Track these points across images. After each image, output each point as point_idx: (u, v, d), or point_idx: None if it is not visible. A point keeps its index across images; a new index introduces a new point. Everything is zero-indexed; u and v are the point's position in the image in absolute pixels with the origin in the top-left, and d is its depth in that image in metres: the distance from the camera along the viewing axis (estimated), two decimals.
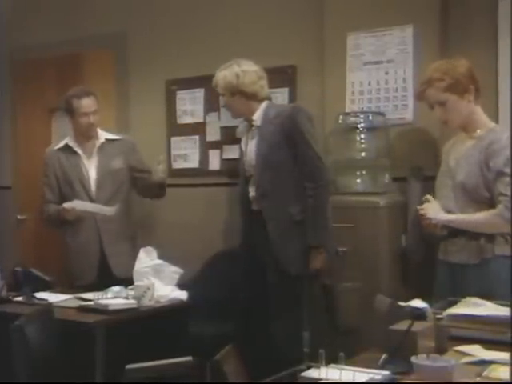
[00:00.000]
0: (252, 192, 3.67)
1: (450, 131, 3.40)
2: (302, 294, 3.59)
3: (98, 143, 4.24)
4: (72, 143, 4.24)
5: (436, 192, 3.22)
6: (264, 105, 3.68)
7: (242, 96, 3.67)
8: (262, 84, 3.72)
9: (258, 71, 3.72)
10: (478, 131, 3.11)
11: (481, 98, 3.18)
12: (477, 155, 3.04)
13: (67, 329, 3.07)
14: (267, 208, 3.59)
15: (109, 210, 4.06)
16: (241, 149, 3.86)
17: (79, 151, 4.22)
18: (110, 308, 3.26)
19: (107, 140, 4.26)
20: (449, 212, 3.09)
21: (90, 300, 3.44)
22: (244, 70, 3.67)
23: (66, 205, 4.03)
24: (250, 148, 3.70)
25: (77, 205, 4.04)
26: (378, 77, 4.14)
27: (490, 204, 3.00)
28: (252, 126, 3.70)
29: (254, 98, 3.67)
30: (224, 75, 3.69)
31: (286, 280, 3.53)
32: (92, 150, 4.22)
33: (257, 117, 3.67)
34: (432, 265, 3.29)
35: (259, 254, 3.65)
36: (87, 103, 4.18)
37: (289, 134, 3.54)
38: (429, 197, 3.19)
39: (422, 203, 3.21)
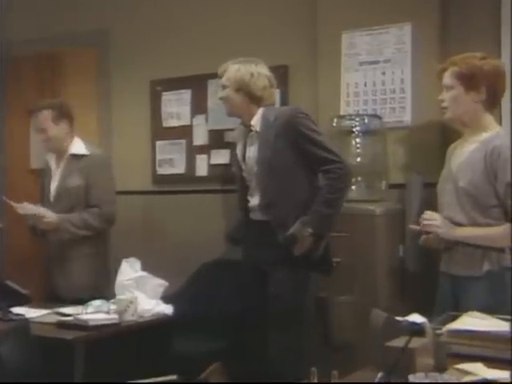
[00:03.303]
0: (254, 201, 3.63)
1: (450, 134, 3.41)
2: (303, 308, 3.57)
3: (65, 157, 4.31)
4: (49, 156, 4.37)
5: (438, 198, 3.22)
6: (262, 109, 3.65)
7: (247, 96, 3.63)
8: (271, 92, 3.70)
9: (272, 78, 3.71)
10: (483, 134, 3.11)
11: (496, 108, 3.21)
12: (481, 160, 3.03)
13: (45, 346, 3.05)
14: (275, 218, 3.52)
15: (51, 216, 4.14)
16: (236, 155, 3.80)
17: (52, 164, 4.35)
18: (91, 323, 3.25)
19: (72, 155, 4.29)
20: (453, 219, 3.09)
21: (69, 315, 3.43)
22: (260, 72, 3.65)
23: (14, 204, 4.15)
24: (249, 155, 3.65)
25: (22, 207, 4.12)
26: (374, 77, 4.16)
27: (497, 210, 3.00)
28: (250, 130, 3.67)
29: (257, 102, 3.64)
30: (238, 68, 3.64)
31: (289, 293, 3.50)
32: (59, 165, 4.33)
33: (255, 121, 3.62)
34: (432, 276, 3.29)
35: (260, 265, 3.62)
36: (39, 119, 4.27)
37: (291, 137, 3.52)
38: (429, 212, 3.18)
39: (421, 212, 3.21)
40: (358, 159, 3.99)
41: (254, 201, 3.62)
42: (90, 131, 5.39)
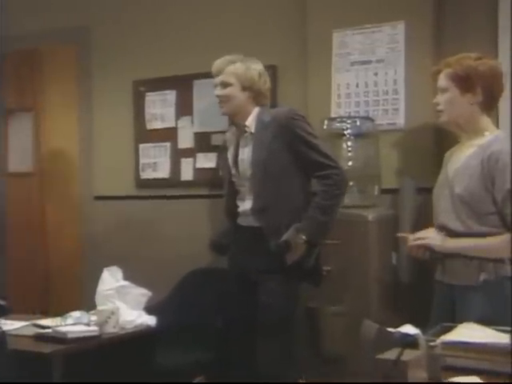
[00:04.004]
0: (245, 206, 3.62)
1: (445, 137, 3.42)
2: (293, 319, 3.57)
3: None
4: None
5: (434, 204, 3.22)
6: (257, 110, 3.65)
7: (252, 94, 3.63)
8: (269, 92, 3.75)
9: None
10: (480, 137, 3.11)
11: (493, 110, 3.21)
12: (478, 166, 3.03)
13: (22, 359, 3.04)
14: (268, 223, 3.52)
15: None
16: (225, 159, 3.78)
17: None
18: (69, 336, 3.24)
19: None
20: (448, 226, 3.10)
21: (47, 327, 3.42)
22: (264, 72, 3.68)
23: None
24: (243, 157, 3.64)
25: None
26: (366, 78, 4.17)
27: (493, 217, 3.01)
28: (245, 132, 3.67)
29: (260, 100, 3.65)
30: (247, 67, 3.63)
31: (280, 302, 3.50)
32: None
33: (250, 122, 3.61)
34: (426, 286, 3.29)
35: (248, 272, 3.61)
36: None
37: (286, 139, 3.52)
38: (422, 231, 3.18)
39: (413, 218, 3.22)
40: (350, 163, 3.99)
41: (246, 205, 3.61)
42: (70, 132, 5.40)
